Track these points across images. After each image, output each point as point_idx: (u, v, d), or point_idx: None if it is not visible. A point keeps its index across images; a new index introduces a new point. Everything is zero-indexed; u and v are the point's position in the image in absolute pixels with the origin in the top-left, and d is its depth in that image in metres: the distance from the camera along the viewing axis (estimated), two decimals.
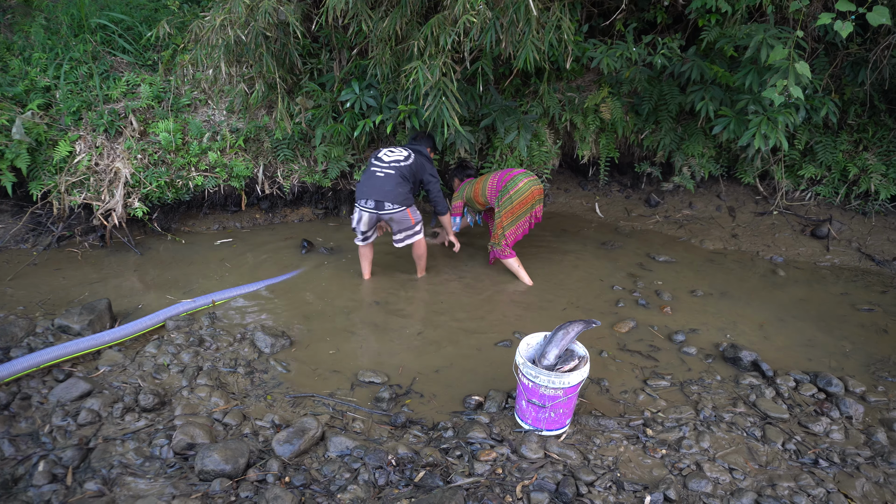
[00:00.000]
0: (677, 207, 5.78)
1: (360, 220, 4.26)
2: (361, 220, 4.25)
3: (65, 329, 3.57)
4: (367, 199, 4.15)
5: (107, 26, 5.35)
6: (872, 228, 5.24)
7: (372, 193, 4.14)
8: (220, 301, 4.06)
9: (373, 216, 4.21)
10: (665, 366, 3.57)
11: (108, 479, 2.50)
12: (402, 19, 4.22)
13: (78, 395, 3.01)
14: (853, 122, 5.32)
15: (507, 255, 4.46)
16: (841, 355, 3.73)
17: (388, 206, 4.13)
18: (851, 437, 3.02)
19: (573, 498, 2.50)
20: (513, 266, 4.51)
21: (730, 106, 4.79)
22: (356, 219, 4.29)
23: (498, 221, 4.40)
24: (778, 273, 4.79)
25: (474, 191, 4.58)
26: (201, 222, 5.35)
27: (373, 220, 4.25)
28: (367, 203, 4.15)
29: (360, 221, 4.27)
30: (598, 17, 5.11)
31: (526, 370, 2.84)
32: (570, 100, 5.27)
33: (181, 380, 3.25)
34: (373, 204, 4.14)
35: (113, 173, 4.74)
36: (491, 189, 4.44)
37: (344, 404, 3.15)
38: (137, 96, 5.04)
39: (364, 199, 4.16)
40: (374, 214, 4.19)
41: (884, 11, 3.24)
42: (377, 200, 4.13)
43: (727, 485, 2.64)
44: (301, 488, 2.51)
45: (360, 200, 4.18)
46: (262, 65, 4.64)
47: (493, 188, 4.43)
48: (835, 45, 4.91)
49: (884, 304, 4.33)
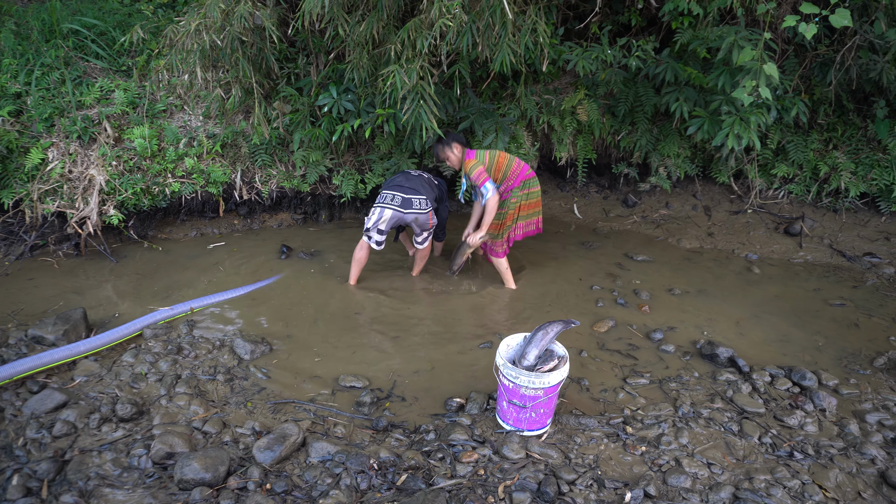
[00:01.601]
0: (654, 207, 5.85)
1: (380, 218, 4.10)
2: (383, 218, 4.10)
3: (39, 340, 3.51)
4: (396, 194, 4.07)
5: (79, 31, 5.28)
6: (843, 225, 5.36)
7: (405, 190, 4.10)
8: (198, 308, 4.02)
9: (396, 214, 4.10)
10: (644, 364, 3.62)
11: (84, 490, 2.46)
12: (378, 23, 4.22)
13: (53, 406, 2.96)
14: (823, 122, 5.44)
15: (501, 252, 4.38)
16: (814, 350, 3.81)
17: (417, 205, 4.10)
18: (825, 429, 3.08)
19: (555, 497, 2.52)
20: (501, 266, 4.43)
21: (703, 107, 4.87)
22: (376, 218, 4.12)
23: (511, 212, 4.24)
24: (753, 270, 4.87)
25: (498, 162, 4.23)
26: (179, 229, 5.29)
27: (395, 219, 4.13)
28: (394, 200, 4.06)
29: (380, 220, 4.11)
30: (574, 20, 5.16)
31: (506, 371, 2.85)
32: (547, 102, 5.31)
33: (159, 388, 3.21)
34: (399, 201, 4.07)
35: (87, 180, 4.67)
36: (515, 172, 4.23)
37: (325, 409, 3.14)
38: (112, 102, 4.97)
39: (392, 193, 4.08)
40: (398, 212, 4.10)
41: (845, 14, 3.33)
42: (406, 198, 4.08)
43: (706, 479, 2.68)
44: (282, 495, 2.50)
45: (387, 196, 4.08)
46: (238, 69, 4.61)
47: (517, 173, 4.23)
48: (804, 46, 5.02)
49: (855, 299, 4.43)
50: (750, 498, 2.53)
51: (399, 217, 4.13)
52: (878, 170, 5.19)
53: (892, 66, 4.59)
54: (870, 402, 3.29)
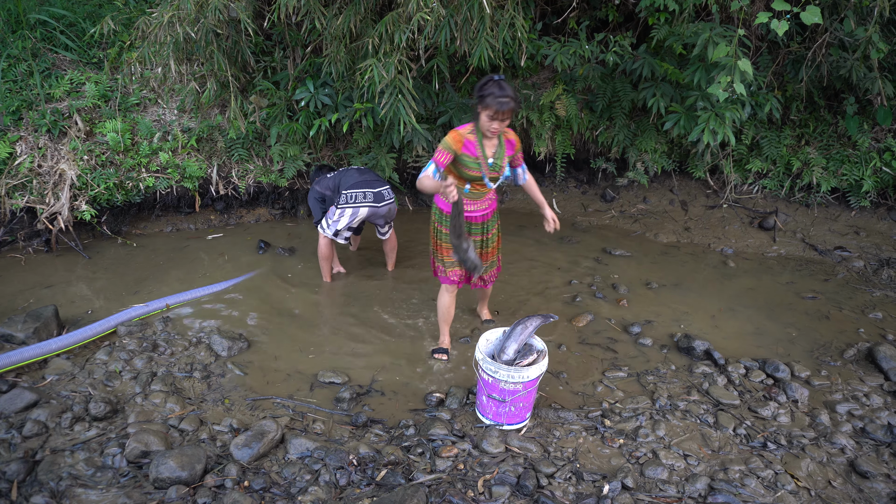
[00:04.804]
0: (632, 202, 5.91)
1: (354, 216, 4.06)
2: (358, 216, 4.07)
3: (8, 338, 3.43)
4: (367, 190, 4.04)
5: (47, 22, 5.14)
6: (815, 219, 5.47)
7: (371, 185, 4.07)
8: (174, 305, 3.96)
9: (371, 209, 4.07)
10: (622, 357, 3.65)
11: (56, 491, 2.41)
12: (356, 16, 4.18)
13: (23, 406, 2.90)
14: (795, 118, 5.53)
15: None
16: (787, 342, 3.88)
17: (387, 196, 4.10)
18: (797, 419, 3.15)
19: (534, 490, 2.53)
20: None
21: (680, 102, 4.91)
22: (349, 219, 4.06)
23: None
24: (728, 264, 4.95)
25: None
26: (154, 224, 5.20)
27: (369, 215, 4.11)
28: (367, 197, 4.02)
29: (354, 219, 4.07)
30: (552, 15, 5.17)
31: (485, 365, 2.86)
32: (525, 97, 5.32)
33: (134, 386, 3.16)
34: (372, 197, 4.04)
35: (58, 175, 4.56)
36: None
37: (304, 406, 3.12)
38: (82, 95, 4.86)
39: (363, 191, 4.03)
40: (373, 208, 4.06)
41: (816, 11, 3.39)
42: (377, 192, 4.05)
43: (682, 471, 2.72)
44: (261, 492, 2.47)
45: (358, 195, 4.03)
46: (213, 63, 4.53)
47: None
48: (777, 43, 5.10)
49: (826, 291, 4.52)
50: (725, 488, 2.58)
51: (373, 212, 4.11)
52: (848, 165, 5.30)
53: (861, 63, 4.69)
54: (840, 392, 3.37)
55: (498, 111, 2.87)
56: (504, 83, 2.88)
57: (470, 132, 3.05)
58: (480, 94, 2.92)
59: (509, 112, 2.90)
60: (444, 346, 3.61)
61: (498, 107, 2.86)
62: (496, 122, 2.92)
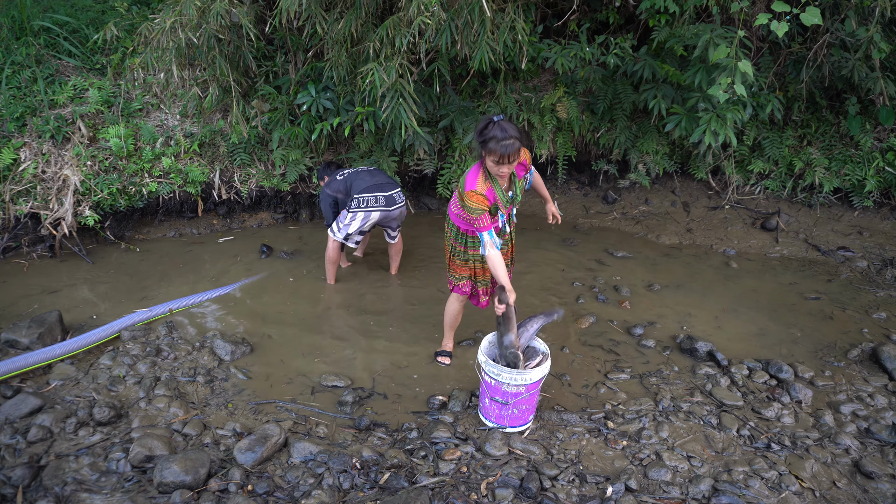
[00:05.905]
0: (634, 204, 5.90)
1: (366, 220, 4.03)
2: (369, 220, 4.04)
3: (12, 343, 3.44)
4: (379, 194, 4.00)
5: (51, 29, 5.17)
6: (818, 220, 5.46)
7: (383, 188, 4.04)
8: (177, 309, 3.97)
9: (383, 213, 4.05)
10: (625, 359, 3.65)
11: (61, 496, 2.42)
12: (357, 21, 4.20)
13: (28, 411, 2.91)
14: (797, 118, 5.52)
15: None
16: (791, 342, 3.87)
17: (399, 200, 4.08)
18: (801, 420, 3.14)
19: (537, 492, 2.53)
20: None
21: (681, 104, 4.91)
22: (360, 223, 4.03)
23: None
24: (731, 265, 4.94)
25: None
26: (157, 229, 5.22)
27: (381, 218, 4.08)
28: (378, 201, 3.99)
29: (366, 223, 4.04)
30: (552, 18, 5.18)
31: (488, 368, 2.86)
32: (526, 100, 5.33)
33: (138, 391, 3.17)
34: (384, 201, 4.01)
35: (61, 181, 4.58)
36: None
37: (307, 409, 3.13)
38: (86, 101, 4.88)
39: (374, 195, 3.99)
40: (385, 212, 4.05)
41: (815, 12, 3.39)
42: (388, 195, 4.03)
43: (685, 472, 2.71)
44: (264, 496, 2.48)
45: (369, 200, 3.99)
46: (215, 68, 4.55)
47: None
48: (777, 44, 5.09)
49: (829, 292, 4.51)
50: (729, 489, 2.57)
51: (385, 216, 4.09)
52: (850, 165, 5.29)
53: (862, 63, 4.68)
54: (844, 393, 3.36)
55: (503, 155, 2.74)
56: (505, 124, 2.76)
57: (483, 182, 2.91)
58: (482, 139, 2.79)
59: (516, 153, 2.76)
60: (447, 349, 3.63)
61: (503, 150, 2.72)
62: (504, 165, 2.79)
